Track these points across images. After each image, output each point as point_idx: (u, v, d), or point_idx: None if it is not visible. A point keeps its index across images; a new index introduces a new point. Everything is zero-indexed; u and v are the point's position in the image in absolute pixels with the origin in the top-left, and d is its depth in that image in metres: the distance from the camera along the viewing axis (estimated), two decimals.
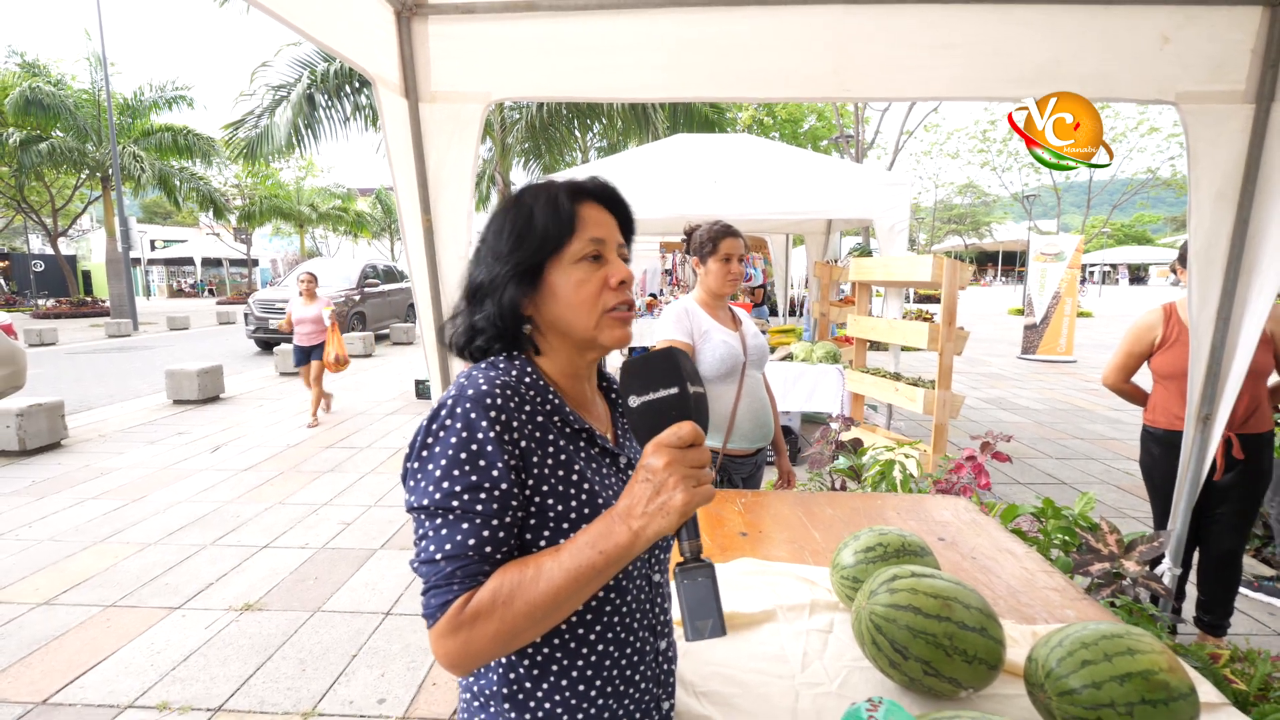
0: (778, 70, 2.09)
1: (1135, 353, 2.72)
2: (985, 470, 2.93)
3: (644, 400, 0.75)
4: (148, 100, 18.02)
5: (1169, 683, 0.92)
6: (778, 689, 1.12)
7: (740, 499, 2.04)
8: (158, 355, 11.96)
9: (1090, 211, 28.05)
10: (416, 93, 2.16)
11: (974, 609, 1.07)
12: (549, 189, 0.87)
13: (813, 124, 20.96)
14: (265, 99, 9.43)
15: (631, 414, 0.76)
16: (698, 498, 0.70)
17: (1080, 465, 5.47)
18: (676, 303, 2.27)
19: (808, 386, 5.03)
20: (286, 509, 4.17)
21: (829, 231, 7.37)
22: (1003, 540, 1.79)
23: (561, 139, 11.35)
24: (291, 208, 26.45)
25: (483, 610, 0.71)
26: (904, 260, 4.66)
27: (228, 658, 2.57)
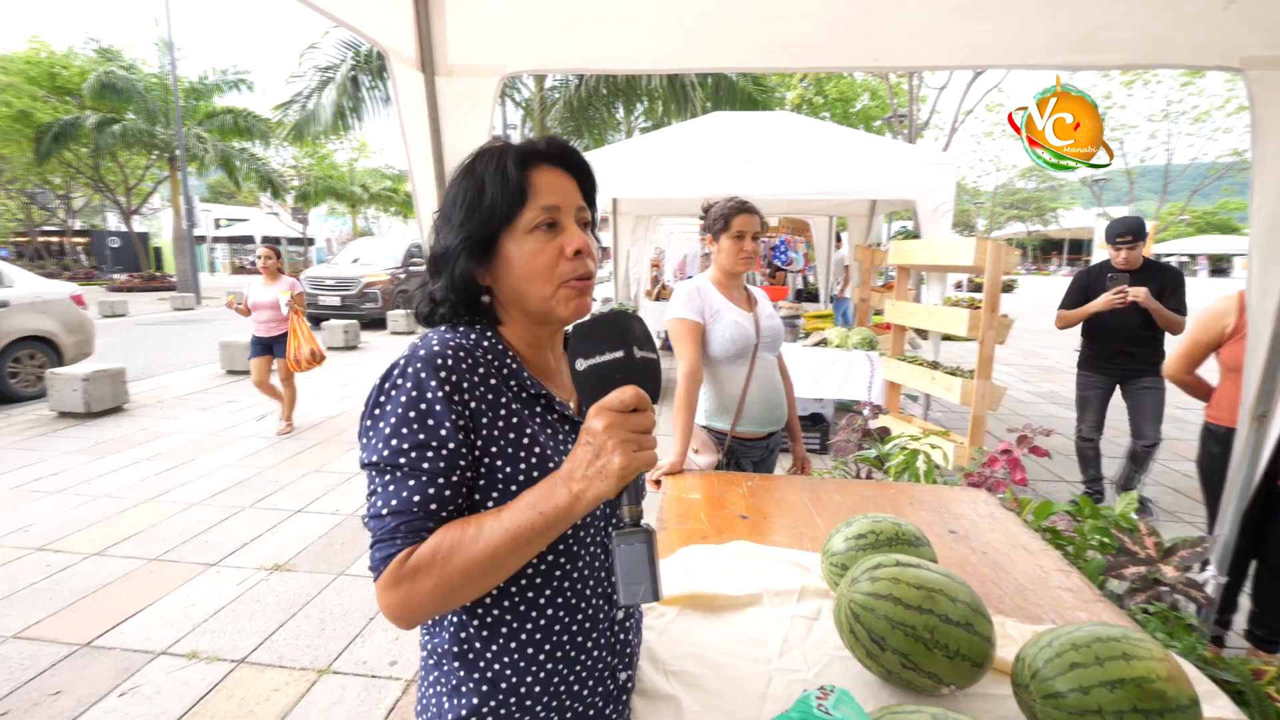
0: (802, 39, 2.00)
1: (1202, 342, 2.53)
2: (1021, 465, 2.79)
3: (590, 364, 0.74)
4: (211, 83, 18.76)
5: (1165, 692, 0.85)
6: (751, 673, 1.09)
7: (746, 482, 1.99)
8: (216, 328, 12.54)
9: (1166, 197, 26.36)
10: (433, 67, 2.15)
11: (961, 603, 1.01)
12: (500, 154, 0.85)
13: (865, 103, 20.27)
14: (312, 80, 9.68)
15: (578, 378, 0.75)
16: (636, 462, 0.69)
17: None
18: (689, 281, 2.23)
19: (841, 373, 4.91)
20: (321, 476, 4.33)
21: (872, 214, 7.12)
22: (1020, 536, 1.70)
23: (602, 120, 11.28)
24: (345, 188, 27.23)
25: (422, 565, 0.71)
26: (946, 243, 4.47)
27: (255, 614, 2.68)
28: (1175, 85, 20.20)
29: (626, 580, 0.70)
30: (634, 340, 0.74)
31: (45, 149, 18.21)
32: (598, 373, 0.73)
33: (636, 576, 0.70)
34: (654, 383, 0.75)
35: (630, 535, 0.71)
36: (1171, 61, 1.89)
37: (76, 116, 18.15)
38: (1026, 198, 32.14)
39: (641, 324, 0.77)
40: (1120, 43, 1.85)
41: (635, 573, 0.70)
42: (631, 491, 0.72)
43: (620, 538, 0.71)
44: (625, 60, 2.18)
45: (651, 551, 0.71)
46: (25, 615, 2.66)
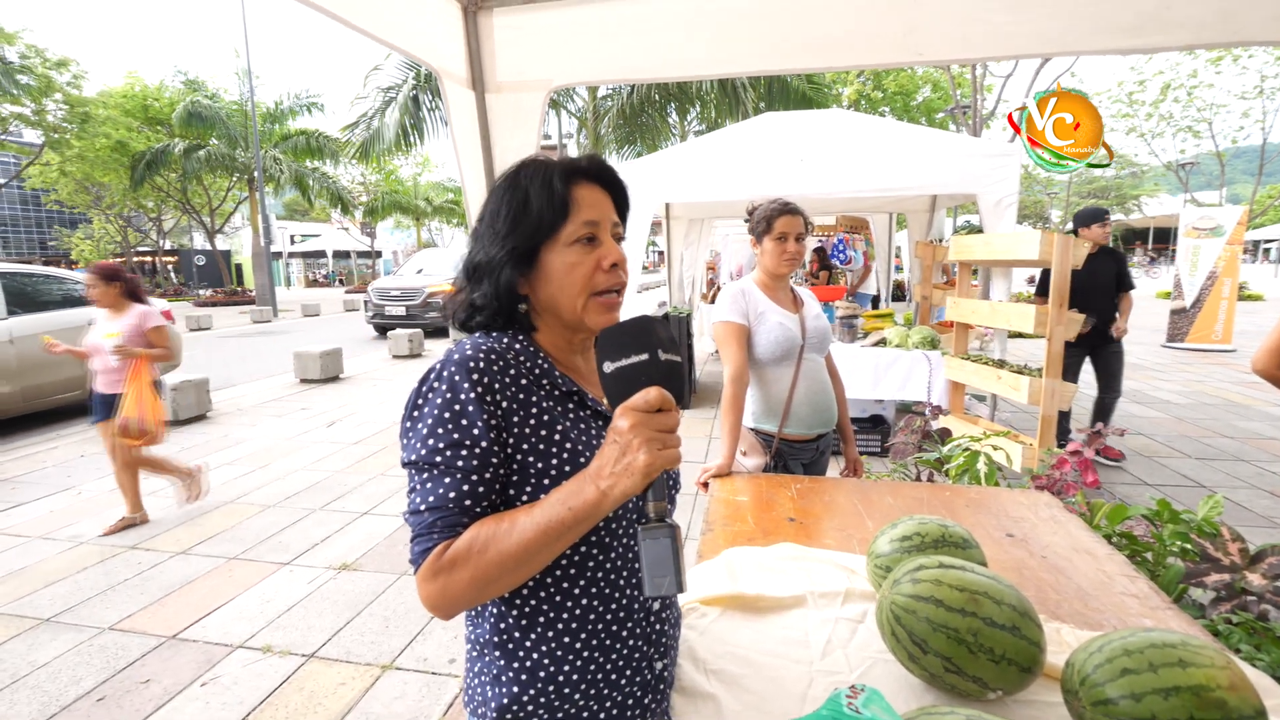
0: (840, 36, 1.98)
1: None
2: (1092, 467, 2.66)
3: (616, 366, 0.77)
4: (285, 108, 19.91)
5: (1226, 701, 0.81)
6: (792, 674, 1.09)
7: (795, 484, 1.98)
8: (291, 339, 13.26)
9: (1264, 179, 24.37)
10: (483, 84, 2.24)
11: (1006, 606, 0.98)
12: (545, 170, 0.89)
13: (927, 95, 19.63)
14: (376, 101, 10.15)
15: (605, 380, 0.78)
16: (661, 460, 0.72)
17: (1227, 467, 4.83)
18: (734, 284, 2.23)
19: (901, 374, 4.77)
20: (387, 480, 4.52)
21: (933, 209, 6.90)
22: (1084, 540, 1.62)
23: (655, 126, 11.34)
24: (409, 202, 28.36)
25: (459, 558, 0.76)
26: (1007, 237, 4.29)
27: (324, 610, 2.83)
28: (1270, 59, 18.69)
29: (652, 573, 0.73)
30: (658, 343, 0.77)
31: (139, 175, 19.75)
32: (624, 375, 0.76)
33: (661, 569, 0.73)
34: (678, 384, 0.77)
35: (655, 530, 0.73)
36: (1244, 38, 1.77)
37: (166, 144, 19.62)
38: (1105, 185, 30.34)
39: (666, 327, 0.80)
40: (1184, 21, 1.75)
41: (659, 566, 0.73)
42: (657, 488, 0.75)
43: (645, 532, 0.74)
44: (669, 67, 2.21)
45: (675, 546, 0.74)
46: (120, 609, 2.89)
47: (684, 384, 1.14)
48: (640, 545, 0.74)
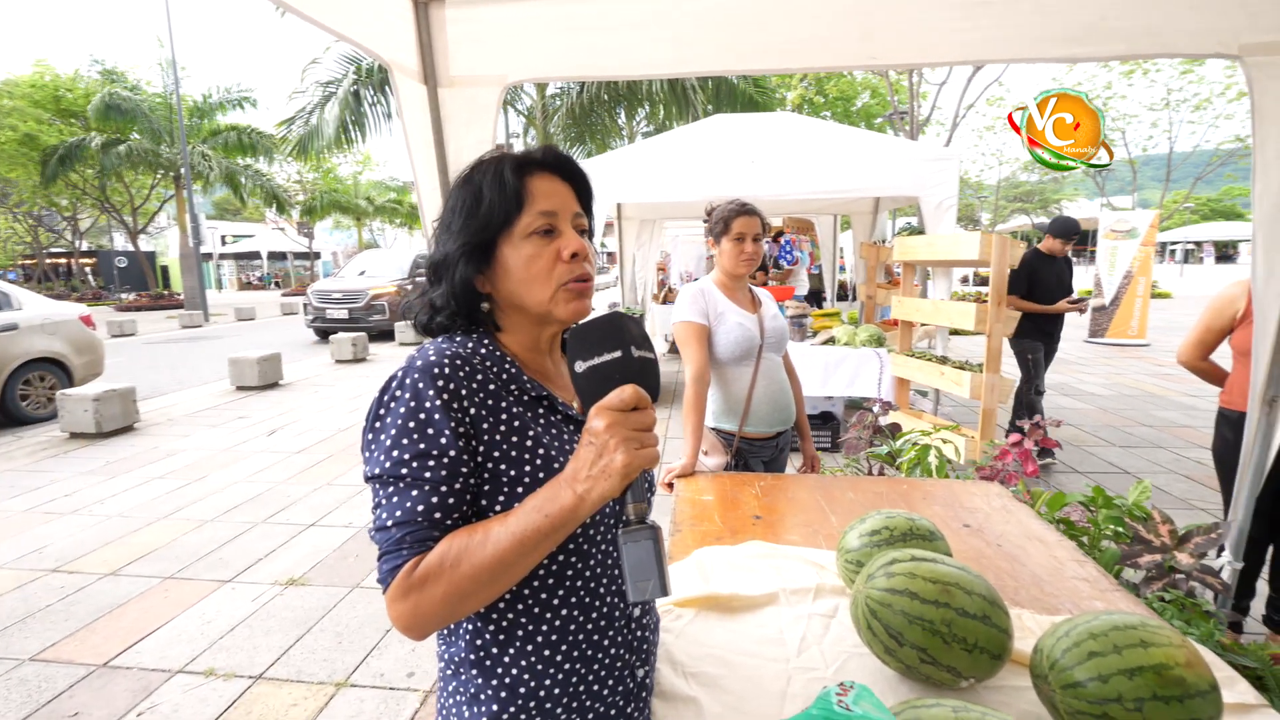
0: (799, 39, 2.00)
1: (1215, 328, 2.53)
2: (1032, 457, 2.78)
3: (589, 365, 0.74)
4: (214, 102, 18.94)
5: (1185, 678, 0.85)
6: (770, 672, 1.09)
7: (759, 482, 1.99)
8: (225, 344, 12.62)
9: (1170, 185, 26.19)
10: (435, 78, 2.17)
11: (977, 595, 1.01)
12: (497, 163, 0.87)
13: (866, 101, 20.24)
14: (315, 96, 9.75)
15: (577, 379, 0.75)
16: (639, 460, 0.70)
17: (1147, 454, 5.16)
18: (693, 284, 2.24)
19: (849, 371, 4.90)
20: (333, 490, 4.35)
21: (876, 211, 7.12)
22: (1034, 528, 1.69)
23: (604, 125, 11.32)
24: (349, 201, 27.41)
25: (430, 574, 0.72)
26: (950, 238, 4.46)
27: (270, 629, 2.70)
28: (1175, 73, 20.08)
29: (634, 577, 0.71)
30: (631, 340, 0.74)
31: (51, 171, 18.41)
32: (597, 373, 0.73)
33: (644, 573, 0.70)
34: (653, 381, 0.75)
35: (636, 533, 0.71)
36: (1170, 50, 1.89)
37: (82, 138, 18.35)
38: (1030, 190, 31.99)
39: (638, 324, 0.78)
40: (1119, 32, 1.85)
41: (642, 569, 0.70)
42: (636, 489, 0.73)
43: (626, 535, 0.71)
44: (627, 66, 2.20)
45: (658, 548, 0.71)
46: (42, 637, 2.68)
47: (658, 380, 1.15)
48: (621, 549, 0.72)
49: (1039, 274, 4.80)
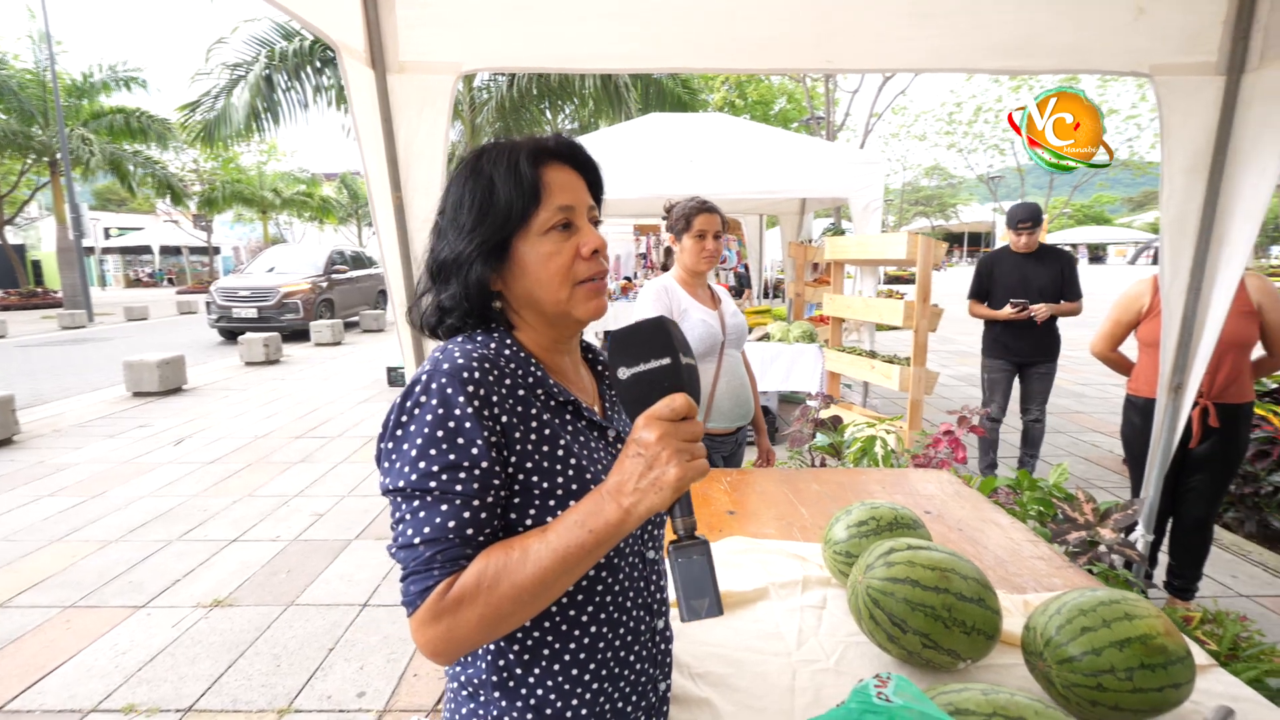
0: (758, 40, 2.03)
1: (1123, 321, 2.77)
2: (962, 444, 2.96)
3: (634, 372, 0.71)
4: (97, 81, 17.21)
5: (1167, 646, 0.91)
6: (775, 667, 1.10)
7: (725, 478, 2.01)
8: (115, 346, 11.52)
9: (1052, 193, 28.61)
10: (384, 63, 2.05)
11: (971, 579, 1.05)
12: (510, 152, 0.81)
13: (783, 105, 20.93)
14: (221, 79, 9.04)
15: (621, 386, 0.72)
16: (692, 472, 0.67)
17: (1050, 439, 5.58)
18: (655, 280, 2.23)
19: (785, 366, 5.04)
20: (256, 501, 4.05)
21: (803, 211, 7.36)
22: (987, 512, 1.80)
23: (533, 119, 11.14)
24: (254, 193, 25.59)
25: (466, 595, 0.67)
26: (879, 238, 4.68)
27: (197, 656, 2.48)
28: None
29: (688, 596, 0.68)
30: (678, 347, 0.72)
31: None
32: (643, 380, 0.70)
33: (699, 591, 0.68)
34: (697, 390, 0.73)
35: (689, 549, 0.69)
36: (1093, 67, 2.05)
37: None
38: (930, 194, 34.04)
39: (680, 330, 0.75)
40: (1050, 48, 1.98)
41: (697, 587, 0.68)
42: (684, 503, 0.70)
43: (678, 552, 0.69)
44: (586, 59, 2.16)
45: (710, 563, 0.69)
46: None
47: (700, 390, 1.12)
48: (674, 567, 0.69)
49: (994, 274, 4.10)
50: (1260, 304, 2.48)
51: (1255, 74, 2.05)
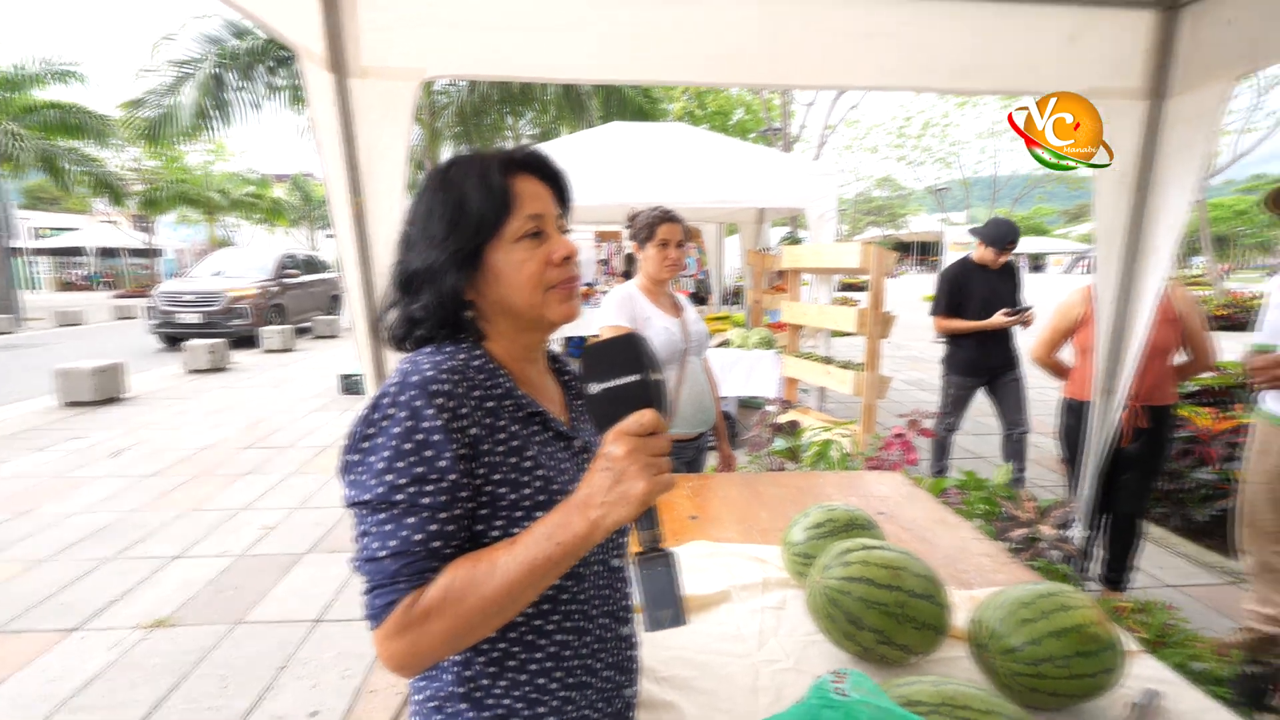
0: (716, 55, 2.08)
1: (1060, 329, 2.92)
2: (913, 447, 3.06)
3: (604, 387, 0.73)
4: (30, 74, 16.30)
5: (1099, 635, 0.98)
6: (738, 668, 1.13)
7: (688, 483, 2.04)
8: (46, 353, 10.90)
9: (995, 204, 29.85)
10: (345, 67, 2.02)
11: (922, 577, 1.10)
12: (479, 164, 0.82)
13: (741, 116, 21.29)
14: (167, 76, 8.68)
15: (591, 401, 0.74)
16: (658, 486, 0.69)
17: (992, 440, 5.80)
18: (619, 289, 2.25)
19: (744, 372, 5.12)
20: (201, 515, 3.90)
21: (760, 220, 7.50)
22: (936, 512, 1.87)
23: (493, 125, 11.05)
24: (199, 193, 24.57)
25: (433, 609, 0.68)
26: (834, 248, 4.81)
27: (136, 680, 2.37)
28: (999, 107, 22.92)
29: (652, 606, 0.70)
30: (648, 363, 0.74)
31: None
32: (613, 396, 0.72)
33: (663, 602, 0.70)
34: (664, 405, 0.75)
35: (653, 560, 0.71)
36: (1034, 89, 2.15)
37: None
38: (881, 205, 35.06)
39: (650, 346, 0.77)
40: (994, 70, 2.10)
41: (661, 598, 0.70)
42: (649, 515, 0.72)
43: (643, 563, 0.71)
44: (545, 69, 2.17)
45: (674, 574, 0.71)
46: None
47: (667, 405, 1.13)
48: (638, 578, 0.71)
49: (966, 288, 4.02)
50: (1182, 313, 2.65)
51: (1175, 100, 2.21)
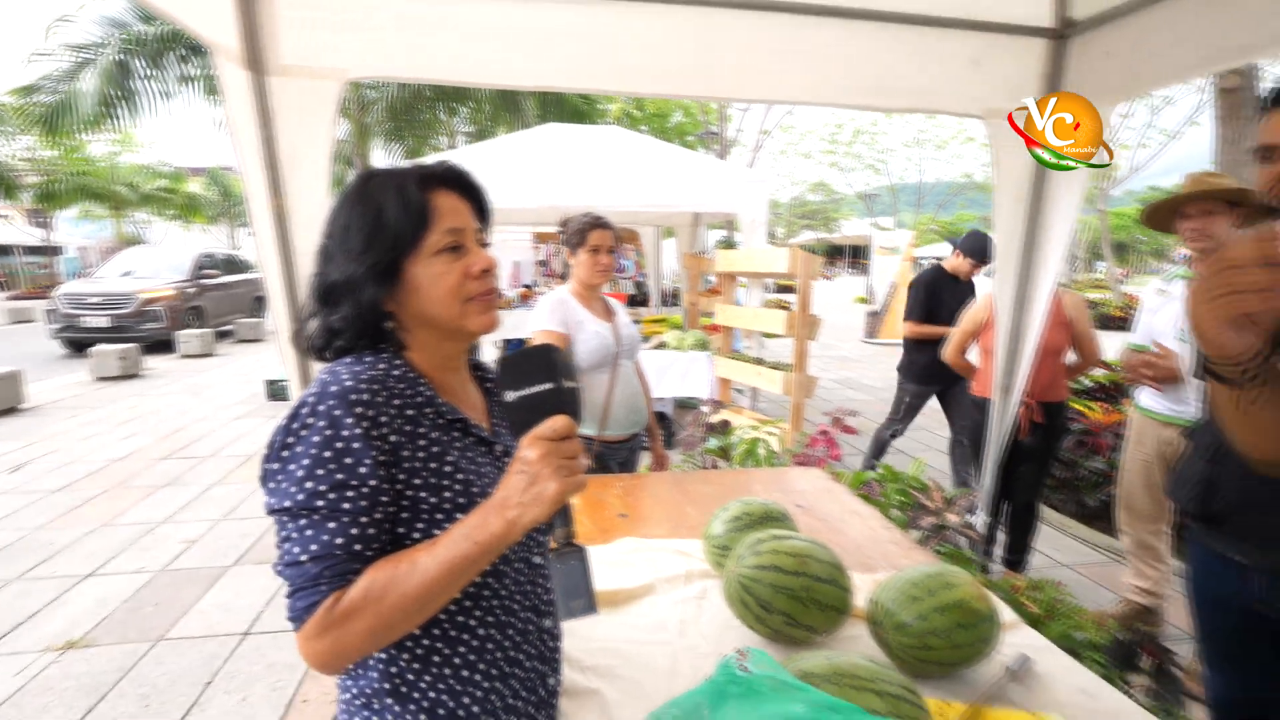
0: (647, 66, 2.14)
1: (968, 331, 3.14)
2: (836, 443, 3.23)
3: (520, 395, 0.78)
4: None
5: (978, 609, 1.09)
6: (659, 655, 1.20)
7: (619, 483, 2.10)
8: None
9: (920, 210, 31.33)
10: (263, 65, 1.98)
11: (826, 563, 1.20)
12: (397, 179, 0.85)
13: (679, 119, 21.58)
14: (64, 62, 8.08)
15: (508, 408, 0.79)
16: (570, 486, 0.74)
17: (913, 435, 6.13)
18: (551, 293, 2.29)
19: (679, 373, 5.23)
20: (114, 531, 3.69)
21: (696, 224, 7.65)
22: (850, 504, 2.00)
23: (426, 122, 10.81)
24: (104, 187, 22.90)
25: (354, 608, 0.71)
26: (764, 252, 4.98)
27: (48, 704, 2.25)
28: (923, 117, 24.08)
29: (566, 597, 0.76)
30: (561, 371, 0.79)
31: None
32: (528, 403, 0.77)
33: (575, 592, 0.77)
34: (577, 410, 0.80)
35: (566, 555, 0.77)
36: (940, 108, 2.34)
37: None
38: (815, 209, 36.17)
39: (564, 355, 0.82)
40: (902, 91, 2.25)
41: (574, 589, 0.77)
42: (564, 513, 0.78)
43: (557, 558, 0.77)
44: (473, 74, 2.18)
45: (586, 567, 0.77)
46: None
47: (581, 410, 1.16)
48: (553, 571, 0.77)
49: (941, 296, 4.03)
50: (1072, 316, 2.90)
51: None
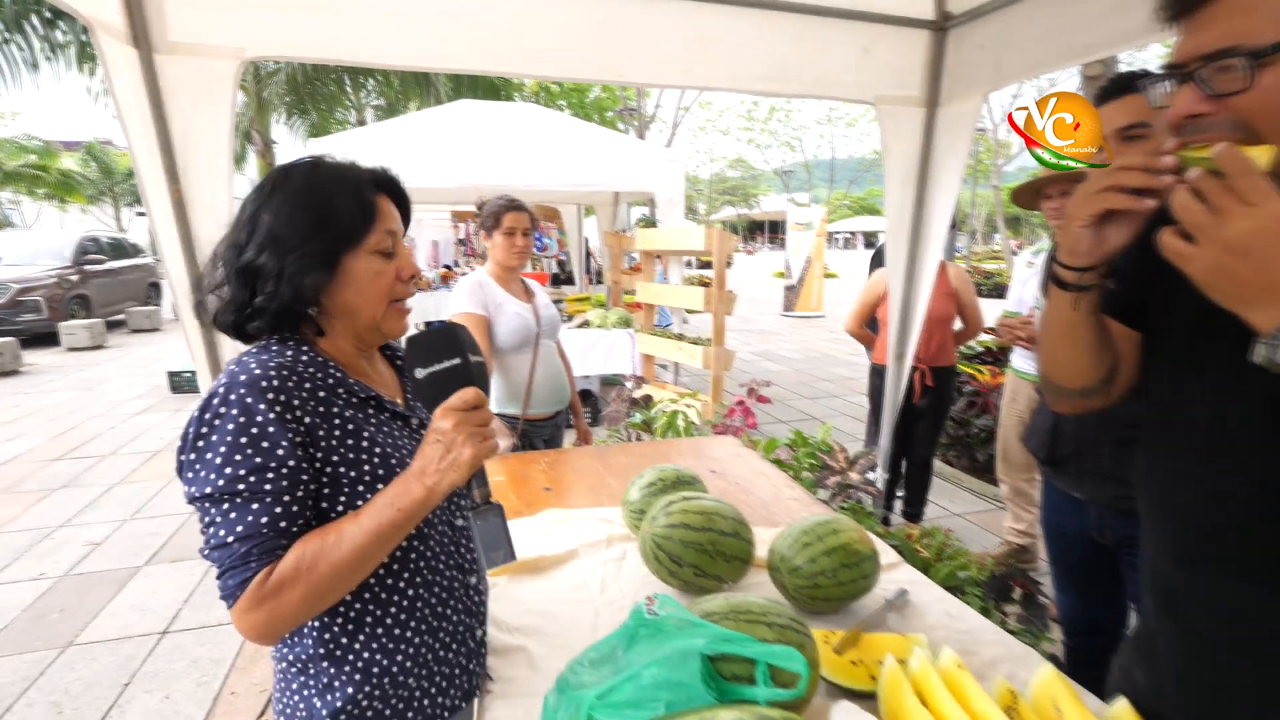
0: (550, 49, 2.18)
1: (868, 303, 3.37)
2: (752, 412, 3.42)
3: (430, 371, 0.84)
4: None
5: (860, 550, 1.25)
6: (582, 612, 1.30)
7: (544, 459, 2.18)
8: None
9: (833, 185, 32.51)
10: (150, 43, 1.88)
11: (729, 519, 1.33)
12: (351, 177, 0.90)
13: (598, 95, 21.38)
14: None
15: (418, 385, 0.85)
16: (483, 451, 0.82)
17: (826, 402, 6.53)
18: (470, 276, 2.32)
19: (603, 351, 5.32)
20: (7, 539, 3.44)
21: (616, 203, 7.70)
22: (759, 467, 2.16)
23: (331, 95, 10.24)
24: None
25: (286, 580, 0.76)
26: (681, 231, 5.11)
27: None
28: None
29: (487, 549, 0.84)
30: (466, 348, 0.85)
31: None
32: (437, 379, 0.83)
33: (495, 544, 0.85)
34: (485, 382, 0.88)
35: (485, 512, 0.85)
36: (834, 95, 2.50)
37: None
38: (735, 185, 36.83)
39: (468, 332, 0.89)
40: (798, 79, 2.39)
41: (494, 541, 0.85)
42: (480, 476, 0.85)
43: (477, 515, 0.85)
44: (377, 55, 2.15)
45: (503, 521, 0.86)
46: None
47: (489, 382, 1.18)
48: (474, 527, 0.84)
49: None
50: (958, 288, 3.18)
51: (944, 108, 2.64)
